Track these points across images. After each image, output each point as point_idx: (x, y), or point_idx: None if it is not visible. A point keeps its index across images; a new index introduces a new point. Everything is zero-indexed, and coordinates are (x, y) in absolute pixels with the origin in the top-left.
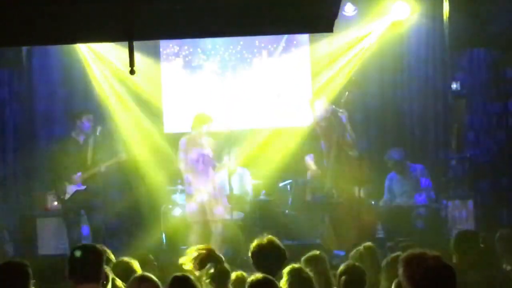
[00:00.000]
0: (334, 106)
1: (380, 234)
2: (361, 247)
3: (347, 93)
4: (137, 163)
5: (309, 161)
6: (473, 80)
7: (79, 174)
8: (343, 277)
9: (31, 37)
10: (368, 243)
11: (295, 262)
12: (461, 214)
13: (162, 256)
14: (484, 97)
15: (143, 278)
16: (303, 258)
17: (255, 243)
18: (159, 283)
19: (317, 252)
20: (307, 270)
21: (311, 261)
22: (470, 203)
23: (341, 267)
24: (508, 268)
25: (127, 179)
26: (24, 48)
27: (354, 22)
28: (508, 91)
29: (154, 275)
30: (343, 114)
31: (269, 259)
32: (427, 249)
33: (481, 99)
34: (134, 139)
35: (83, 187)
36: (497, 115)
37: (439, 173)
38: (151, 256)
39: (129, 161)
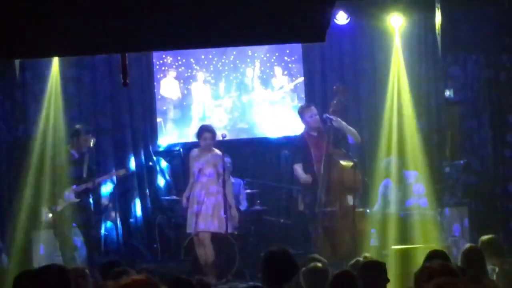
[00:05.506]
0: (325, 115)
1: (375, 242)
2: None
3: (334, 101)
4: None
5: (298, 170)
6: (466, 87)
7: (74, 187)
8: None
9: (22, 49)
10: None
11: None
12: (455, 221)
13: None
14: (477, 103)
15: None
16: (303, 269)
17: (265, 254)
18: None
19: (319, 264)
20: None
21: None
22: (465, 210)
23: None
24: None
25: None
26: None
27: (347, 31)
28: (501, 98)
29: None
30: (335, 123)
31: (278, 270)
32: None
33: (474, 105)
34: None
35: (76, 200)
36: (491, 121)
37: (433, 180)
38: None
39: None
